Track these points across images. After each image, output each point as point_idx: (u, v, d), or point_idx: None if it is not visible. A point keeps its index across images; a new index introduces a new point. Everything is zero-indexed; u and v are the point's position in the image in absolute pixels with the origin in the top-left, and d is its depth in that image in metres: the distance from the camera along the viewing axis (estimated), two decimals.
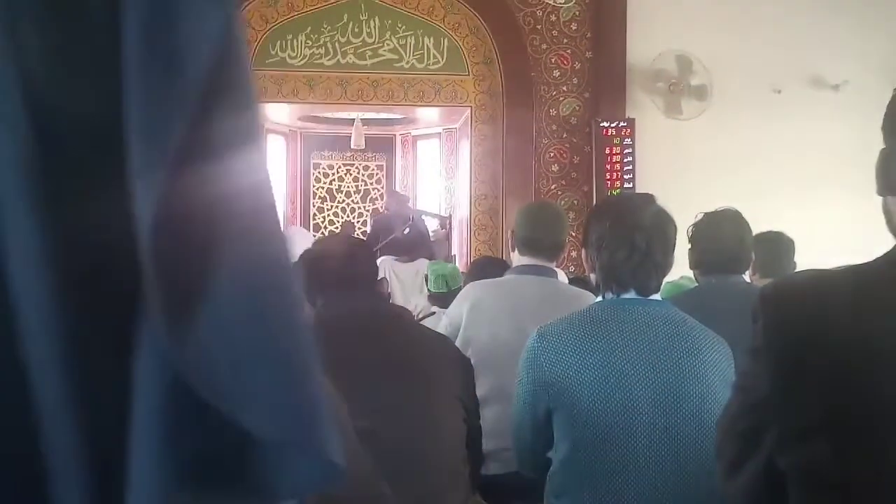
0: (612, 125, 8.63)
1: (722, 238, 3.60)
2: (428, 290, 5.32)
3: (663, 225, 2.84)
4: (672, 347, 2.72)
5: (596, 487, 2.67)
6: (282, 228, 0.76)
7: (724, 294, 3.43)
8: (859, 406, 1.39)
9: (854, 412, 1.40)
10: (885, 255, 1.49)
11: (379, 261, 7.77)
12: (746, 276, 3.74)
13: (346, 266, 2.88)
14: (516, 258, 3.95)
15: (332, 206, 12.37)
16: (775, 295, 1.53)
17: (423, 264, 6.23)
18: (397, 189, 11.17)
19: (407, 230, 9.34)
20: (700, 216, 3.64)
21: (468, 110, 9.30)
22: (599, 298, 2.91)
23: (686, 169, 7.85)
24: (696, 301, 3.36)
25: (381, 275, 3.56)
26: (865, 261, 1.51)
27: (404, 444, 2.56)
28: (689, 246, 3.60)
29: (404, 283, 7.02)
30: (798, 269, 4.43)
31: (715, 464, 1.67)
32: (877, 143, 1.53)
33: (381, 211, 11.48)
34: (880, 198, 1.55)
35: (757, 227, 3.81)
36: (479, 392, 3.00)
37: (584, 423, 2.68)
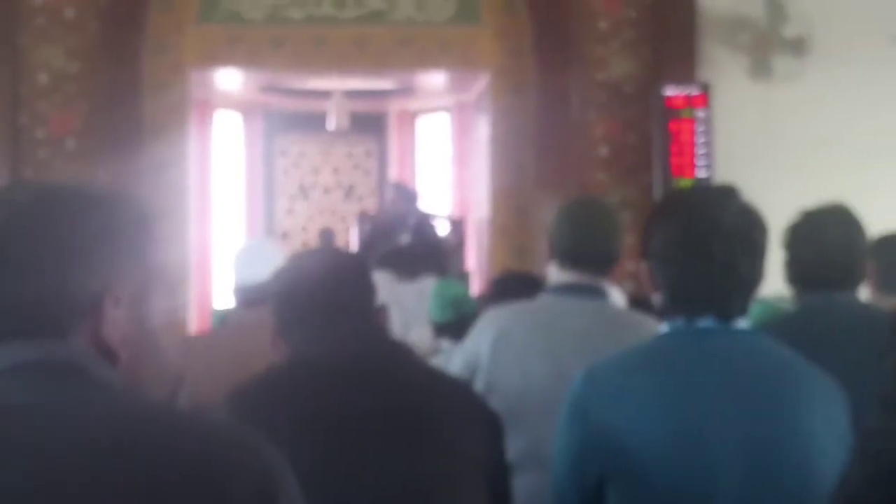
0: (681, 93, 8.64)
1: (828, 243, 3.59)
2: (434, 320, 5.30)
3: (750, 227, 2.84)
4: (765, 392, 2.72)
5: None
6: None
7: (832, 319, 3.42)
8: None
9: None
10: None
11: (381, 276, 7.81)
12: (862, 293, 3.67)
13: (332, 290, 2.87)
14: (554, 273, 3.94)
15: (305, 206, 12.40)
16: None
17: (429, 284, 6.23)
18: (399, 181, 11.15)
19: (409, 237, 9.35)
20: (799, 215, 3.64)
21: (487, 76, 9.34)
22: (666, 327, 2.92)
23: (779, 151, 7.87)
24: (795, 328, 3.36)
25: (380, 300, 3.55)
26: None
27: None
28: (786, 255, 3.60)
29: (405, 307, 7.00)
30: None
31: None
32: None
33: (369, 213, 11.49)
34: None
35: (874, 228, 3.78)
36: (509, 454, 3.00)
37: (647, 494, 2.69)
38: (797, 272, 3.61)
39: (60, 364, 1.50)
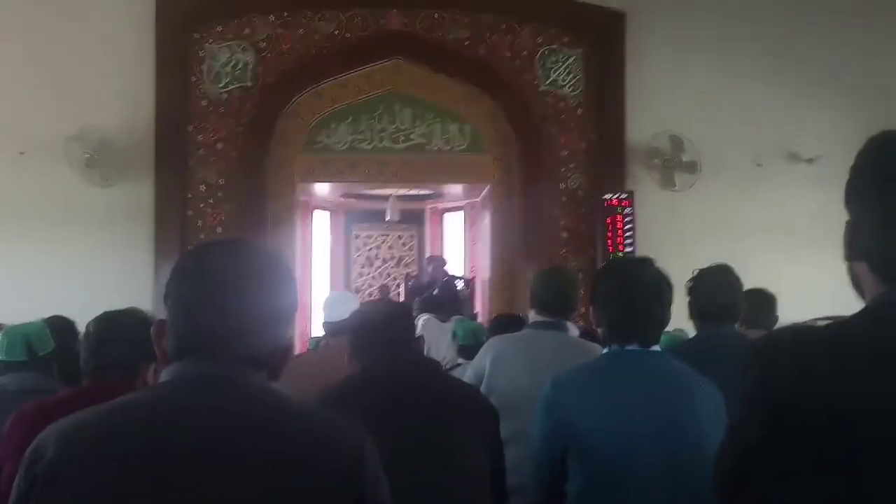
0: (615, 197, 8.63)
1: (717, 290, 3.56)
2: (457, 344, 5.29)
3: (661, 284, 2.84)
4: (670, 392, 2.71)
5: None
6: None
7: (719, 343, 3.38)
8: (841, 449, 1.39)
9: (837, 454, 1.39)
10: (858, 314, 1.49)
11: (424, 318, 7.81)
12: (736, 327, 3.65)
13: (388, 328, 2.89)
14: (533, 315, 3.94)
15: (370, 272, 12.38)
16: (765, 349, 1.52)
17: (452, 323, 6.20)
18: (436, 252, 11.17)
19: (436, 291, 9.35)
20: (696, 272, 3.62)
21: (488, 186, 9.35)
22: (606, 350, 2.90)
23: (680, 234, 7.84)
24: (694, 349, 3.33)
25: (420, 332, 3.56)
26: (840, 316, 1.51)
27: (437, 479, 2.55)
28: (689, 298, 3.57)
29: (437, 337, 7.00)
30: (780, 322, 4.41)
31: (710, 496, 1.66)
32: (845, 213, 1.54)
33: (413, 275, 11.49)
34: (847, 263, 1.57)
35: (746, 283, 3.75)
36: (502, 434, 2.98)
37: (595, 459, 2.67)
38: (697, 310, 3.58)
39: (215, 376, 1.49)
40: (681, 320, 3.46)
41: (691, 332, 3.81)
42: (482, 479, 2.73)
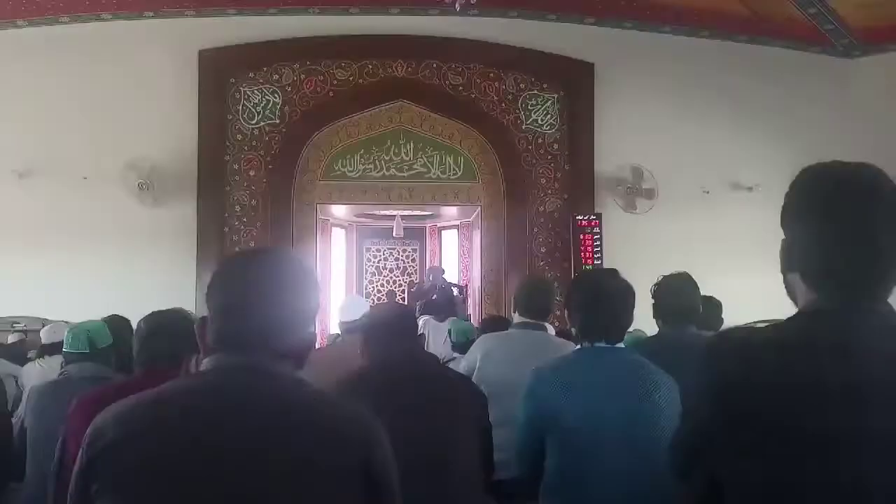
0: (585, 218, 8.65)
1: (680, 294, 3.55)
2: (451, 341, 5.28)
3: (625, 292, 2.84)
4: (633, 383, 2.70)
5: (578, 489, 2.64)
6: None
7: (679, 341, 3.35)
8: (776, 431, 1.38)
9: (773, 436, 1.39)
10: (793, 317, 1.49)
11: (424, 319, 7.81)
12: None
13: (395, 327, 2.88)
14: (516, 317, 3.93)
15: (379, 279, 12.36)
16: (717, 346, 1.52)
17: (448, 323, 6.20)
18: (435, 263, 11.16)
19: (435, 296, 9.34)
20: (660, 278, 3.61)
21: (478, 208, 9.34)
22: (578, 346, 2.90)
23: (640, 250, 7.81)
24: (657, 346, 3.31)
25: (421, 330, 3.57)
26: (777, 319, 1.51)
27: (436, 455, 2.54)
28: (653, 301, 3.56)
29: (435, 335, 6.99)
30: (725, 325, 4.40)
31: (666, 471, 1.65)
32: (781, 232, 1.54)
33: (415, 282, 11.47)
34: (783, 275, 1.57)
35: (700, 291, 3.73)
36: (490, 417, 2.97)
37: (569, 439, 2.66)
38: (660, 312, 3.57)
39: (248, 366, 1.48)
40: (640, 322, 3.46)
41: (650, 331, 3.79)
42: (473, 456, 2.72)
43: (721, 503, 1.47)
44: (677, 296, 3.54)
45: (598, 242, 8.57)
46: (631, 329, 3.04)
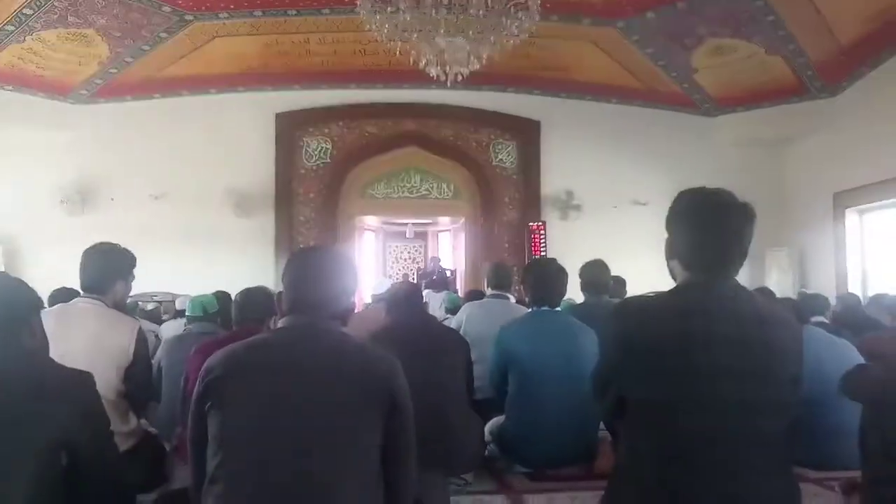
0: (535, 224, 8.62)
1: (597, 274, 3.56)
2: (445, 307, 5.27)
3: (560, 273, 2.85)
4: (567, 335, 2.71)
5: (531, 406, 2.65)
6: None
7: (596, 306, 3.38)
8: (659, 366, 1.39)
9: (657, 369, 1.39)
10: (672, 289, 1.50)
11: (426, 292, 7.76)
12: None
13: (408, 297, 2.88)
14: (489, 291, 3.93)
15: (397, 266, 12.29)
16: (621, 307, 1.53)
17: (443, 294, 6.19)
18: (435, 255, 11.11)
19: (435, 276, 9.31)
20: (584, 264, 3.61)
21: (463, 219, 9.32)
22: (530, 310, 2.90)
23: (571, 246, 7.75)
24: (582, 310, 3.33)
25: (424, 300, 3.52)
26: (662, 291, 1.52)
27: (438, 383, 2.54)
28: (580, 279, 3.56)
29: (435, 303, 6.97)
30: (628, 294, 4.41)
31: (588, 394, 1.66)
32: (665, 233, 1.55)
33: (421, 268, 11.43)
34: (667, 261, 1.58)
35: (611, 270, 3.72)
36: (472, 357, 2.97)
37: (523, 372, 2.67)
38: (584, 286, 3.57)
39: (310, 324, 1.48)
40: (571, 293, 3.47)
41: (578, 300, 3.80)
42: (461, 383, 2.73)
43: (624, 412, 1.48)
44: (595, 275, 3.56)
45: (543, 241, 8.53)
46: (565, 298, 3.06)
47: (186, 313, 3.51)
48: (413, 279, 11.06)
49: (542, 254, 8.36)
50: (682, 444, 1.36)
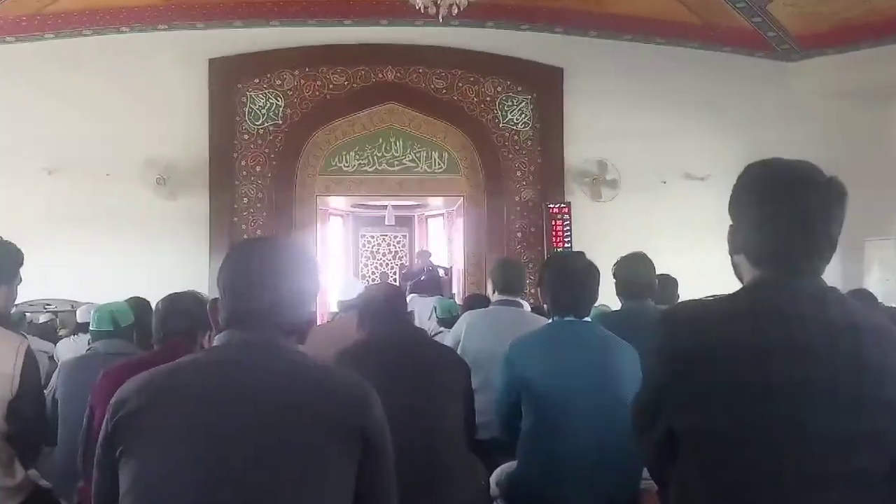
0: (556, 206, 8.65)
1: (637, 272, 3.55)
2: (437, 316, 5.28)
3: (591, 271, 2.84)
4: (598, 352, 2.71)
5: (551, 448, 2.65)
6: None
7: (638, 314, 3.37)
8: (725, 386, 1.40)
9: (722, 390, 1.40)
10: (738, 291, 1.51)
11: (410, 297, 7.79)
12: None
13: (387, 304, 2.87)
14: (495, 296, 3.93)
15: (373, 262, 12.33)
16: (670, 317, 1.53)
17: (434, 300, 6.21)
18: (424, 248, 11.14)
19: (424, 277, 9.34)
20: (621, 259, 3.61)
21: (461, 199, 9.33)
22: (550, 321, 2.90)
23: (605, 234, 7.83)
24: (620, 319, 3.31)
25: (409, 308, 3.55)
26: (725, 293, 1.53)
27: (426, 419, 2.54)
28: (615, 279, 3.56)
29: (423, 311, 6.98)
30: (681, 299, 4.41)
31: (627, 429, 1.66)
32: (729, 218, 1.56)
33: (405, 265, 11.47)
34: (730, 256, 1.59)
35: (656, 268, 3.72)
36: (473, 384, 2.97)
37: (541, 403, 2.66)
38: (621, 289, 3.57)
39: (256, 342, 1.48)
40: (606, 298, 3.47)
41: (615, 307, 3.80)
42: (458, 418, 2.72)
43: (676, 451, 1.48)
44: (634, 274, 3.55)
45: (567, 228, 8.57)
46: (597, 304, 3.05)
47: (91, 327, 3.49)
48: (395, 280, 11.10)
49: (566, 246, 8.39)
50: (753, 490, 1.37)
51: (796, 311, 1.42)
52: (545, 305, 2.97)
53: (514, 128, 8.89)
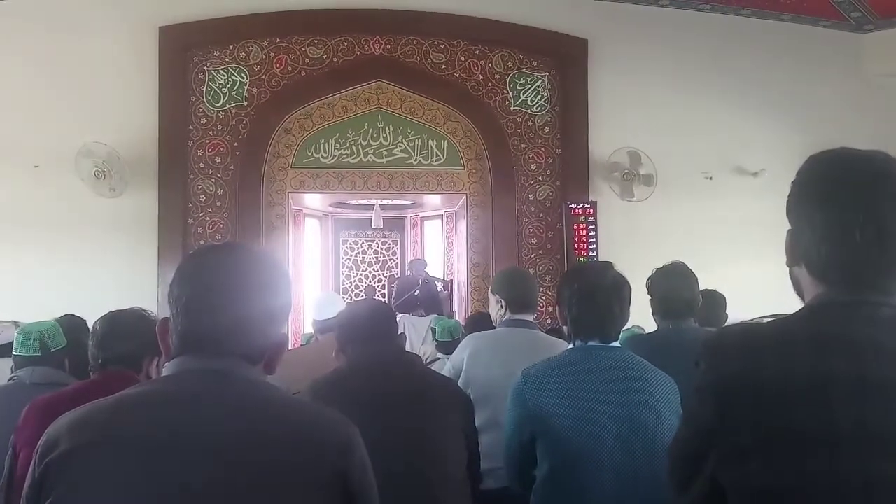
0: (579, 206, 8.67)
1: (675, 287, 3.55)
2: (436, 339, 5.28)
3: (620, 286, 2.85)
4: (628, 384, 2.71)
5: (572, 497, 2.65)
6: None
7: (678, 338, 3.37)
8: (781, 431, 1.39)
9: (778, 436, 1.40)
10: (798, 313, 1.50)
11: (399, 317, 7.78)
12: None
13: (371, 325, 2.88)
14: (504, 315, 3.91)
15: (357, 274, 12.35)
16: (715, 345, 1.52)
17: (430, 320, 6.22)
18: (418, 257, 11.16)
19: (418, 291, 9.35)
20: (654, 270, 3.62)
21: (464, 197, 9.33)
22: (571, 346, 2.91)
23: (638, 240, 7.86)
24: (654, 344, 3.32)
25: (400, 330, 3.55)
26: (782, 315, 1.52)
27: (417, 464, 2.55)
28: (649, 296, 3.57)
29: (419, 333, 6.99)
30: (730, 320, 4.41)
31: (666, 481, 1.66)
32: (787, 223, 1.55)
33: (396, 277, 11.48)
34: (789, 268, 1.58)
35: (698, 281, 3.73)
36: (477, 422, 2.98)
37: (560, 447, 2.67)
38: (657, 307, 3.58)
39: (214, 370, 1.48)
40: (639, 318, 3.47)
41: (648, 328, 3.81)
42: (459, 464, 2.73)
43: None
44: (672, 289, 3.55)
45: (592, 232, 8.58)
46: (627, 326, 3.06)
47: (14, 352, 3.49)
48: (382, 295, 11.10)
49: (591, 255, 8.39)
50: None
51: (869, 338, 1.41)
52: (564, 327, 2.98)
53: (529, 111, 8.91)
